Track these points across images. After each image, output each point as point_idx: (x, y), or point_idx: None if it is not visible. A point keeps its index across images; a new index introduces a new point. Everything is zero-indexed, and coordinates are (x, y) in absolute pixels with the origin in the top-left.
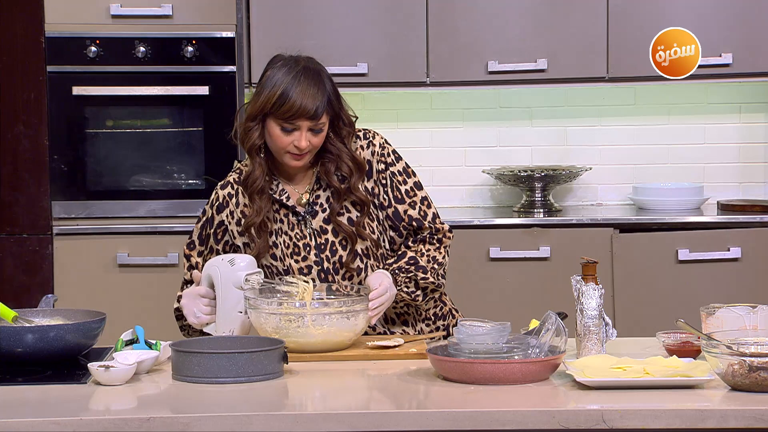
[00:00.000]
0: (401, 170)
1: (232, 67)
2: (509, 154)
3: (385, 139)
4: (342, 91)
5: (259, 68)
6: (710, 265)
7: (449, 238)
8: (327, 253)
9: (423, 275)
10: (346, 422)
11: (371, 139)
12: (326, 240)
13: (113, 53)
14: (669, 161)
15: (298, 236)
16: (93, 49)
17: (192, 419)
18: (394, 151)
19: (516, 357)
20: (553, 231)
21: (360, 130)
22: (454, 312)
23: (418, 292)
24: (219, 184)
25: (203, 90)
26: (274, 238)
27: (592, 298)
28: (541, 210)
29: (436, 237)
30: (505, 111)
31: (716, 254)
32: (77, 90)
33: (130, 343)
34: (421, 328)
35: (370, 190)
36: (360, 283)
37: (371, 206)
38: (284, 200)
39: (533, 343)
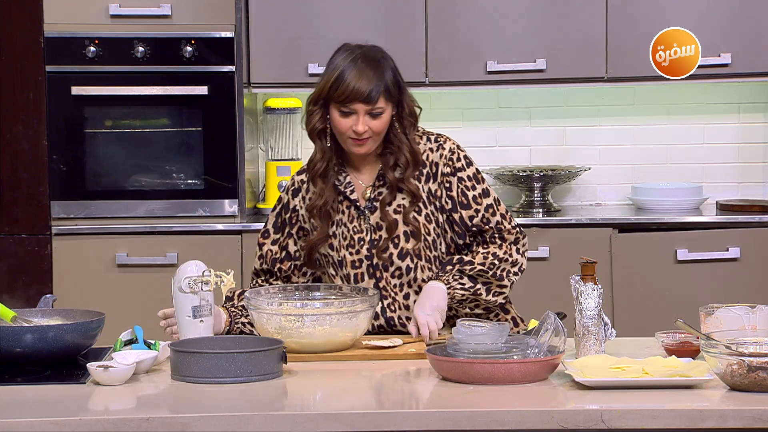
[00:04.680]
0: (471, 176)
1: (231, 67)
2: (508, 154)
3: (458, 145)
4: None
5: (258, 68)
6: (709, 265)
7: (512, 234)
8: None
9: (469, 261)
10: (345, 422)
11: (442, 143)
12: (380, 236)
13: (112, 53)
14: (668, 161)
15: (355, 229)
16: (92, 49)
17: (191, 419)
18: (465, 157)
19: (515, 357)
20: (552, 231)
21: (433, 134)
22: (518, 320)
23: (478, 286)
24: (296, 171)
25: (202, 90)
26: (334, 228)
27: (591, 298)
28: (540, 210)
29: (497, 235)
30: (504, 111)
31: (715, 254)
32: (76, 90)
33: (129, 343)
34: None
35: (433, 192)
36: (409, 283)
37: (432, 207)
38: (348, 193)
39: (532, 343)
